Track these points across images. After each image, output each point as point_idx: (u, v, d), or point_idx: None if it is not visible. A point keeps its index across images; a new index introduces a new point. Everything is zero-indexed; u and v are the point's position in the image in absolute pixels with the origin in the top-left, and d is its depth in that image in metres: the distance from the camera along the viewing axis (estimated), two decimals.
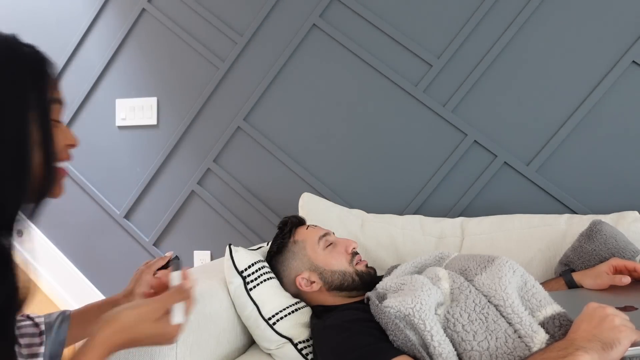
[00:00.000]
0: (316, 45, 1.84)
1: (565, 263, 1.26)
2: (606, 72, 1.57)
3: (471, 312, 0.94)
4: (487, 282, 1.00)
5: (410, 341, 0.90)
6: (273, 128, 1.90)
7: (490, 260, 1.06)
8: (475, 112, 1.69)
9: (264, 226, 1.92)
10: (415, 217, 1.61)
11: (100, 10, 2.09)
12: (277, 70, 1.87)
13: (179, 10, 2.00)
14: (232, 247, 1.26)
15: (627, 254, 1.17)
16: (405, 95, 1.75)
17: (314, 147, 1.86)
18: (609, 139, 1.58)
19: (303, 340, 1.16)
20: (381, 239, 1.56)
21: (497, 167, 1.66)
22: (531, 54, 1.63)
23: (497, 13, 1.65)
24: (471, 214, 1.66)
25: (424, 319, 0.92)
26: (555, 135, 1.61)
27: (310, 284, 1.21)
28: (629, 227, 1.34)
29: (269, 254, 1.31)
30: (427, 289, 0.98)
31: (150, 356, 1.01)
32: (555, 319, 0.90)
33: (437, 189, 1.73)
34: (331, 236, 1.27)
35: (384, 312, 0.96)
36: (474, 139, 1.68)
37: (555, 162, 1.62)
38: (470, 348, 0.90)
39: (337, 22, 1.81)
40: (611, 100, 1.57)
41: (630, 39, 1.55)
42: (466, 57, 1.69)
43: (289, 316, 1.18)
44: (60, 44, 2.15)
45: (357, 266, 1.22)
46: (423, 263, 1.21)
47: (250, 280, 1.20)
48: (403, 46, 1.74)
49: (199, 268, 1.37)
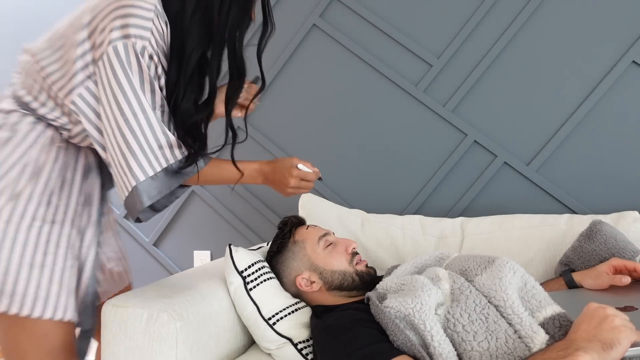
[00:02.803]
0: (316, 45, 1.84)
1: (565, 263, 1.26)
2: (606, 72, 1.57)
3: (471, 312, 0.94)
4: (487, 283, 1.00)
5: (411, 341, 0.90)
6: (273, 128, 1.90)
7: (491, 260, 1.06)
8: (475, 112, 1.69)
9: (264, 226, 1.92)
10: (415, 217, 1.61)
11: None
12: (277, 70, 1.87)
13: None
14: (232, 247, 1.26)
15: (627, 254, 1.17)
16: (405, 95, 1.75)
17: (314, 146, 1.86)
18: (609, 139, 1.58)
19: (303, 340, 1.16)
20: (381, 239, 1.56)
21: (497, 167, 1.67)
22: (531, 54, 1.63)
23: (496, 13, 1.65)
24: (471, 214, 1.66)
25: (424, 319, 0.92)
26: (555, 135, 1.61)
27: (310, 284, 1.21)
28: (629, 227, 1.34)
29: (269, 254, 1.31)
30: (428, 289, 0.98)
31: (151, 356, 1.01)
32: (555, 319, 0.90)
33: (437, 189, 1.74)
34: (331, 236, 1.27)
35: (384, 312, 0.97)
36: (474, 139, 1.68)
37: (555, 162, 1.62)
38: (471, 348, 0.90)
39: (337, 22, 1.81)
40: (611, 100, 1.57)
41: (630, 39, 1.55)
42: (466, 57, 1.69)
43: (289, 316, 1.18)
44: None
45: (357, 266, 1.22)
46: (423, 263, 1.21)
47: (250, 281, 1.20)
48: (403, 46, 1.74)
49: (199, 268, 1.37)
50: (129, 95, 0.93)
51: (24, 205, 0.98)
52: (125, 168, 0.95)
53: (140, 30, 0.93)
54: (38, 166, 1.00)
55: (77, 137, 1.04)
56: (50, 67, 0.98)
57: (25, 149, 0.99)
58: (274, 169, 1.12)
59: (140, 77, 0.95)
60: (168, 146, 0.98)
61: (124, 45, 0.92)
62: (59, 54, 0.98)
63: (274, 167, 1.12)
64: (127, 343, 1.02)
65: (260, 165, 1.13)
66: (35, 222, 0.99)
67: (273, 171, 1.12)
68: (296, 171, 1.11)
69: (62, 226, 1.03)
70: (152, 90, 0.97)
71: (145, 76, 0.95)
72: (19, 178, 0.98)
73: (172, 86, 1.00)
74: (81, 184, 1.07)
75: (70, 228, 1.04)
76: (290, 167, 1.11)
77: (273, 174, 1.12)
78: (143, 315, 1.02)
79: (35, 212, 0.99)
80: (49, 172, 1.01)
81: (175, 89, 1.00)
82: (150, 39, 0.94)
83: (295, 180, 1.11)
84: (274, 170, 1.12)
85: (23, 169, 0.99)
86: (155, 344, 1.01)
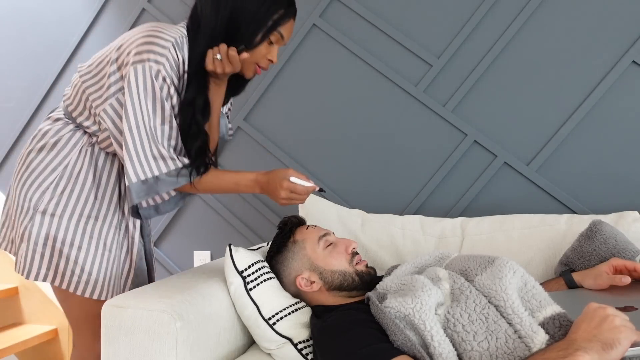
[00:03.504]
0: (316, 45, 1.84)
1: (565, 263, 1.26)
2: (606, 72, 1.57)
3: (471, 312, 0.95)
4: (487, 283, 1.00)
5: (411, 341, 0.90)
6: (273, 128, 1.90)
7: (491, 260, 1.06)
8: (475, 112, 1.69)
9: (264, 226, 1.92)
10: (415, 217, 1.61)
11: (100, 10, 2.09)
12: (277, 70, 1.87)
13: (178, 10, 2.00)
14: (232, 247, 1.26)
15: (627, 254, 1.17)
16: (405, 95, 1.75)
17: (314, 146, 1.86)
18: (609, 139, 1.58)
19: (303, 340, 1.16)
20: (381, 239, 1.56)
21: (497, 167, 1.67)
22: (531, 54, 1.63)
23: (497, 13, 1.66)
24: (471, 214, 1.66)
25: (424, 319, 0.92)
26: (555, 135, 1.61)
27: (310, 284, 1.21)
28: (629, 227, 1.34)
29: (269, 254, 1.31)
30: (428, 289, 0.98)
31: (151, 356, 1.01)
32: (556, 319, 0.90)
33: (437, 189, 1.74)
34: (331, 236, 1.27)
35: (384, 312, 0.97)
36: (474, 139, 1.68)
37: (555, 162, 1.62)
38: (471, 348, 0.90)
39: (337, 22, 1.81)
40: (611, 100, 1.57)
41: (630, 39, 1.55)
42: (466, 57, 1.69)
43: (289, 316, 1.18)
44: (60, 44, 2.15)
45: (357, 266, 1.22)
46: (423, 263, 1.21)
47: (250, 281, 1.20)
48: (403, 46, 1.74)
49: (199, 268, 1.37)
50: (136, 110, 1.10)
51: (65, 202, 1.19)
52: (126, 167, 1.12)
53: (156, 56, 1.11)
54: (77, 167, 1.21)
55: (104, 142, 1.22)
56: (89, 82, 1.19)
57: (67, 152, 1.21)
58: (269, 180, 1.18)
59: (153, 96, 1.11)
60: (161, 158, 1.13)
61: (142, 67, 1.10)
62: (97, 71, 1.18)
63: (269, 177, 1.18)
64: (127, 343, 1.02)
65: (257, 175, 1.20)
66: (74, 216, 1.20)
67: (267, 182, 1.18)
68: (287, 183, 1.16)
69: (102, 222, 1.23)
70: (162, 107, 1.13)
71: (157, 95, 1.12)
72: (61, 177, 1.20)
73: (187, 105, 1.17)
74: (114, 185, 1.26)
75: (108, 223, 1.24)
76: (282, 179, 1.16)
77: (267, 184, 1.18)
78: (143, 315, 1.02)
79: (74, 208, 1.20)
80: (85, 172, 1.22)
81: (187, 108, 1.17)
82: (164, 64, 1.11)
83: (285, 192, 1.16)
84: (269, 181, 1.18)
85: (64, 169, 1.20)
86: (155, 344, 1.01)
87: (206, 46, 1.16)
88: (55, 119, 1.25)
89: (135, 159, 1.11)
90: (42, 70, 2.17)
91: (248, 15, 1.14)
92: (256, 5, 1.14)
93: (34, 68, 2.19)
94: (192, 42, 1.17)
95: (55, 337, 2.11)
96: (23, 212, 1.20)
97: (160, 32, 1.13)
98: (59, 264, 1.19)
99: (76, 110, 1.22)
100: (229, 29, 1.15)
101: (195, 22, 1.18)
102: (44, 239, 1.19)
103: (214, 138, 1.28)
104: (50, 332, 2.08)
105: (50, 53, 2.16)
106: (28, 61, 2.20)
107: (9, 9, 2.23)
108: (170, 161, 1.13)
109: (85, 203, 1.21)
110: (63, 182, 1.20)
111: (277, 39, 1.19)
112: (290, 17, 1.19)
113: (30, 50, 2.20)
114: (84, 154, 1.22)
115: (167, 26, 1.17)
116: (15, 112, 2.21)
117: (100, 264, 1.22)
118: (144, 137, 1.11)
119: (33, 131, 2.28)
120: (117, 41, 1.18)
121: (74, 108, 1.22)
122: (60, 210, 1.19)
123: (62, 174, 1.20)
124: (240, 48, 1.17)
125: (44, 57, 2.17)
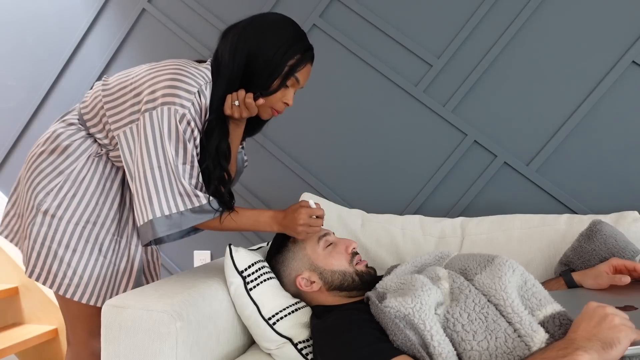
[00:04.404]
0: (316, 45, 1.83)
1: (565, 263, 1.26)
2: (606, 72, 1.57)
3: (471, 311, 0.94)
4: (486, 282, 1.00)
5: (410, 341, 0.90)
6: (273, 128, 1.90)
7: (490, 259, 1.06)
8: (475, 112, 1.69)
9: None
10: (415, 217, 1.61)
11: (100, 10, 2.09)
12: None
13: (179, 10, 2.00)
14: (232, 247, 1.26)
15: (627, 254, 1.17)
16: (405, 95, 1.75)
17: (314, 147, 1.86)
18: (609, 139, 1.58)
19: (303, 340, 1.16)
20: (381, 239, 1.56)
21: (497, 167, 1.67)
22: (531, 54, 1.63)
23: (496, 13, 1.66)
24: (471, 214, 1.66)
25: (424, 318, 0.92)
26: (555, 135, 1.61)
27: (310, 284, 1.21)
28: (629, 227, 1.34)
29: (269, 254, 1.31)
30: (427, 288, 0.98)
31: (151, 356, 1.01)
32: (556, 318, 0.90)
33: (437, 189, 1.74)
34: (331, 236, 1.27)
35: (384, 312, 0.97)
36: (474, 139, 1.68)
37: (555, 162, 1.62)
38: (470, 348, 0.90)
39: (337, 22, 1.81)
40: (611, 100, 1.57)
41: (630, 39, 1.55)
42: (466, 57, 1.69)
43: (289, 316, 1.18)
44: (61, 44, 2.15)
45: (357, 266, 1.22)
46: (423, 263, 1.21)
47: (251, 280, 1.21)
48: (403, 46, 1.74)
49: (199, 268, 1.37)
50: (158, 150, 1.13)
51: (67, 205, 1.21)
52: (147, 201, 1.13)
53: (182, 100, 1.13)
54: (83, 173, 1.23)
55: (113, 157, 1.26)
56: (110, 104, 1.21)
57: (75, 158, 1.23)
58: (285, 214, 1.22)
59: (176, 138, 1.13)
60: (186, 195, 1.15)
61: (167, 110, 1.12)
62: (119, 94, 1.20)
63: (285, 213, 1.22)
64: (127, 343, 1.02)
65: (274, 213, 1.24)
66: (73, 219, 1.21)
67: (284, 217, 1.22)
68: (304, 209, 1.20)
69: (100, 227, 1.24)
70: (184, 148, 1.15)
71: (180, 137, 1.14)
72: (66, 181, 1.22)
73: (212, 151, 1.21)
74: (116, 192, 1.28)
75: (106, 230, 1.25)
76: (299, 207, 1.20)
77: (284, 219, 1.22)
78: (143, 315, 1.02)
79: (74, 211, 1.22)
80: (90, 179, 1.24)
81: (213, 154, 1.21)
82: (190, 108, 1.14)
83: (304, 217, 1.19)
84: (285, 216, 1.22)
85: (70, 173, 1.23)
86: (155, 344, 1.01)
87: (226, 91, 1.18)
88: (70, 122, 1.27)
89: (161, 194, 1.13)
90: (42, 70, 2.17)
91: (263, 62, 1.15)
92: (272, 52, 1.14)
93: (34, 68, 2.19)
94: (213, 85, 1.19)
95: (55, 337, 2.12)
96: (28, 209, 1.23)
97: (188, 76, 1.15)
98: (52, 266, 1.21)
99: (91, 121, 1.24)
100: (245, 75, 1.17)
101: (216, 65, 1.20)
102: (42, 238, 1.21)
103: (232, 173, 1.31)
104: (50, 332, 2.09)
105: (50, 53, 2.16)
106: (28, 61, 2.21)
107: (9, 9, 2.23)
108: (194, 198, 1.15)
109: (86, 207, 1.23)
110: (67, 186, 1.22)
111: (293, 83, 1.20)
112: (307, 62, 1.20)
113: (30, 50, 2.20)
114: (91, 162, 1.24)
115: (193, 69, 1.17)
116: (15, 112, 2.22)
117: (93, 268, 1.23)
118: (167, 174, 1.13)
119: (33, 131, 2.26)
120: (144, 73, 1.19)
121: (90, 118, 1.24)
122: (60, 212, 1.21)
123: (67, 178, 1.22)
124: (257, 95, 1.18)
125: (44, 57, 2.17)
